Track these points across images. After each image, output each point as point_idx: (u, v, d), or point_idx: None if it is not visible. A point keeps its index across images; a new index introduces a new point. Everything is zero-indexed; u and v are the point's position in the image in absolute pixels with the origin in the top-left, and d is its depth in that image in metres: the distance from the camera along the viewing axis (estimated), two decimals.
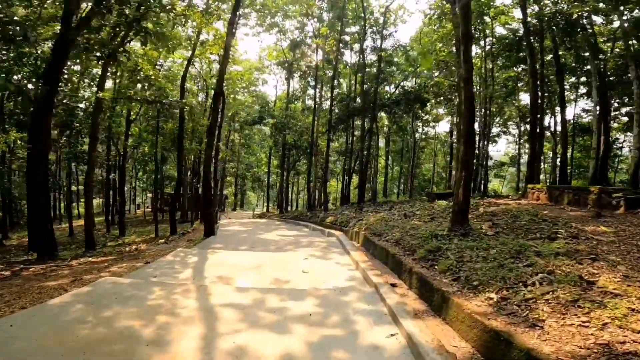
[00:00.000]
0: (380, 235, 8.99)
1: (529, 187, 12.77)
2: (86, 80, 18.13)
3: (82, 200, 40.23)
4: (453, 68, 18.10)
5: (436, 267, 5.39)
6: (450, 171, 35.38)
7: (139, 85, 11.60)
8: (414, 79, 26.51)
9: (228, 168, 44.19)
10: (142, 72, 11.10)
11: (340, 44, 22.00)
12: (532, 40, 17.50)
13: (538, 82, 16.71)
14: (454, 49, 16.36)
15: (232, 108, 27.35)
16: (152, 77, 11.27)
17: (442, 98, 23.84)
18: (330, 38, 20.84)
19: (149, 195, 41.76)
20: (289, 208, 37.53)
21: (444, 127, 55.20)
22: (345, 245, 8.83)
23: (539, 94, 16.10)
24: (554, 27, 16.78)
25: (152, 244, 12.24)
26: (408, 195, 27.90)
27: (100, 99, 10.18)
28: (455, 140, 36.88)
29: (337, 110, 23.66)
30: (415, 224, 9.36)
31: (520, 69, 22.23)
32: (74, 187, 30.56)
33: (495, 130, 32.97)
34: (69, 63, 12.02)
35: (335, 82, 23.91)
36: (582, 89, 24.53)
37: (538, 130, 17.10)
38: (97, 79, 11.61)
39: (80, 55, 10.20)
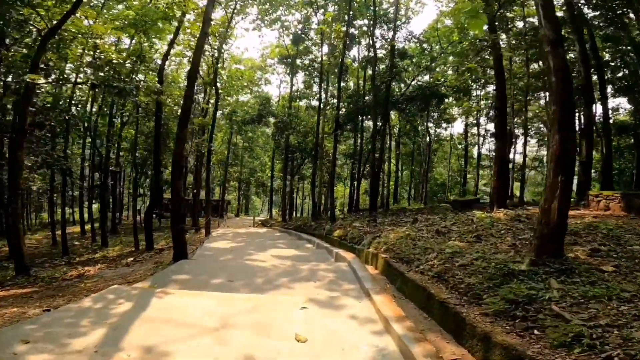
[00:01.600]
0: (409, 262, 6.27)
1: (591, 194, 9.90)
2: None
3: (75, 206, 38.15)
4: (487, 55, 15.26)
5: (537, 333, 2.92)
6: (465, 175, 32.46)
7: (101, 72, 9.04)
8: (428, 75, 23.72)
9: (231, 172, 41.70)
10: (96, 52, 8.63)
11: (347, 38, 19.38)
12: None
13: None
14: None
15: (229, 104, 24.75)
16: (104, 56, 8.74)
17: (461, 93, 20.96)
18: (337, 24, 18.20)
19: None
20: (295, 214, 34.89)
21: (455, 128, 52.34)
22: (361, 278, 6.09)
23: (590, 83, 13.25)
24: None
25: (114, 265, 9.57)
26: (422, 202, 25.00)
27: (31, 83, 7.59)
28: (468, 142, 34.03)
29: (343, 111, 21.03)
30: (458, 246, 6.60)
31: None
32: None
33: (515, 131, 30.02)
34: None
35: (343, 77, 21.26)
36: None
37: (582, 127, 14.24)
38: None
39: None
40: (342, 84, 21.08)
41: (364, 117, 21.26)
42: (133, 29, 10.80)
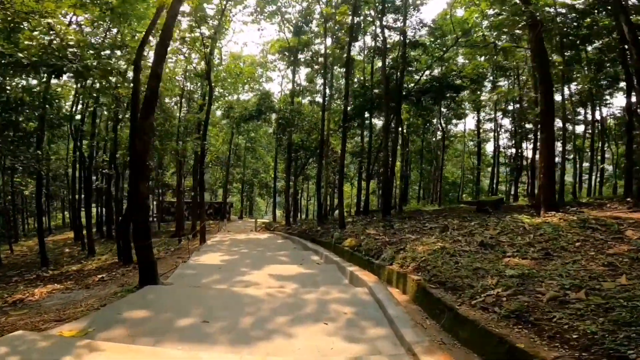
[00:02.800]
0: (455, 289, 4.45)
1: None
2: None
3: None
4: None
5: None
6: (479, 173, 30.29)
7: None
8: (441, 66, 21.66)
9: (233, 174, 39.89)
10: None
11: (354, 23, 17.43)
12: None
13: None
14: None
15: (228, 102, 22.89)
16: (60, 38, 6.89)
17: (477, 85, 18.90)
18: (342, 6, 16.28)
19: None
20: (299, 215, 32.94)
21: (465, 125, 50.06)
22: (394, 319, 4.15)
23: None
24: None
25: (78, 284, 7.68)
26: (436, 203, 22.92)
27: None
28: (481, 139, 31.85)
29: (351, 105, 19.11)
30: (524, 267, 4.69)
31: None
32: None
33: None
34: None
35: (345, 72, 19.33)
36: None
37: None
38: None
39: None
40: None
41: (373, 112, 19.32)
42: (97, 8, 9.01)
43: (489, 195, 29.64)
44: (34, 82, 12.41)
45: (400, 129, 19.49)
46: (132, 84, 8.53)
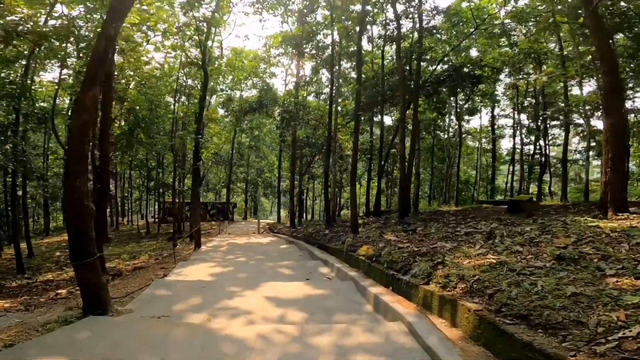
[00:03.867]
0: (551, 327, 2.66)
1: None
2: None
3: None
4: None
5: None
6: (494, 172, 28.27)
7: None
8: (456, 56, 19.81)
9: (237, 173, 38.33)
10: None
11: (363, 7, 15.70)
12: None
13: None
14: None
15: (229, 98, 21.24)
16: None
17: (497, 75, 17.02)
18: None
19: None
20: (305, 216, 31.22)
21: (475, 122, 47.66)
22: None
23: None
24: None
25: (28, 301, 6.04)
26: (452, 203, 21.04)
27: None
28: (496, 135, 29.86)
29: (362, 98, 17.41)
30: None
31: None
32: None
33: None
34: None
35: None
36: None
37: None
38: None
39: None
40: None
41: (385, 105, 17.56)
42: None
43: (506, 194, 27.68)
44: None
45: (418, 118, 17.59)
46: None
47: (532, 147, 23.86)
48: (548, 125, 22.31)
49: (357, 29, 15.63)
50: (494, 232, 6.28)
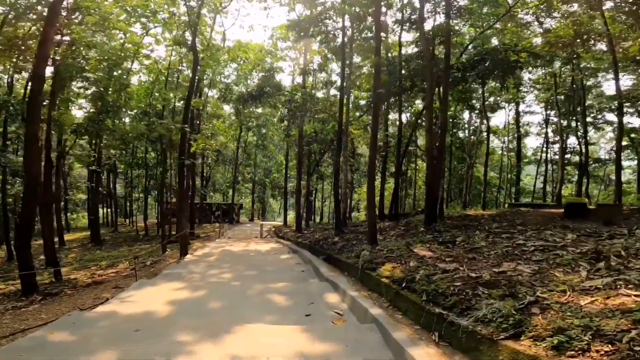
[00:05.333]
0: None
1: None
2: None
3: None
4: None
5: None
6: (519, 172, 25.53)
7: None
8: (484, 42, 17.32)
9: (243, 173, 36.41)
10: None
11: None
12: None
13: None
14: None
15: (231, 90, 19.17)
16: None
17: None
18: None
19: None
20: (313, 218, 28.98)
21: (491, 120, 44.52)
22: None
23: None
24: None
25: None
26: (478, 206, 18.52)
27: None
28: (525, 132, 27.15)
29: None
30: None
31: None
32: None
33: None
34: None
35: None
36: None
37: None
38: None
39: None
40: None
41: (403, 95, 15.25)
42: None
43: (533, 197, 24.97)
44: None
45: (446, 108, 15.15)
46: None
47: (561, 146, 21.14)
48: (587, 123, 19.61)
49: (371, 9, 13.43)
50: (602, 250, 3.95)
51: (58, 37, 9.45)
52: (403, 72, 15.13)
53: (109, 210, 29.05)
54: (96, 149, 18.17)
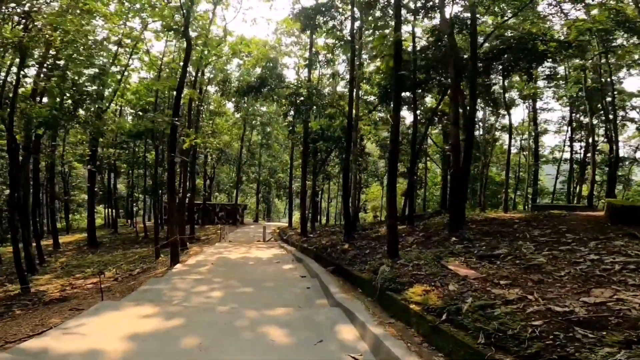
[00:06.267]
0: None
1: None
2: None
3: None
4: None
5: None
6: (537, 172, 23.88)
7: None
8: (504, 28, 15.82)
9: (247, 173, 35.22)
10: None
11: None
12: None
13: None
14: None
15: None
16: None
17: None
18: None
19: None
20: (319, 218, 27.69)
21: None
22: None
23: None
24: None
25: None
26: (499, 208, 17.00)
27: None
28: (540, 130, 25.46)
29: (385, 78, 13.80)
30: None
31: None
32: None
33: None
34: None
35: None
36: None
37: None
38: None
39: None
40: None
41: (418, 87, 13.85)
42: None
43: (554, 198, 23.35)
44: None
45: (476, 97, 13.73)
46: None
47: (592, 143, 19.47)
48: (609, 120, 17.97)
49: None
50: None
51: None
52: (418, 63, 13.78)
53: (113, 210, 28.02)
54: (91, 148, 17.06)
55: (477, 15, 14.42)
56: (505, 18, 13.33)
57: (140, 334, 3.77)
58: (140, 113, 21.20)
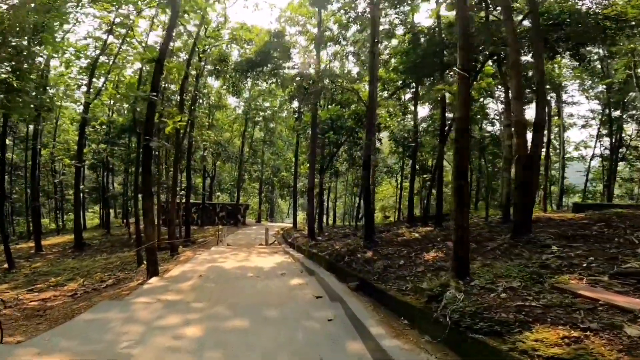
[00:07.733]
0: None
1: None
2: None
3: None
4: None
5: None
6: (563, 169, 21.69)
7: None
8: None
9: (250, 171, 33.23)
10: None
11: None
12: None
13: None
14: None
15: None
16: None
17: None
18: None
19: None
20: (326, 219, 25.55)
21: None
22: None
23: None
24: None
25: None
26: (540, 208, 14.85)
27: None
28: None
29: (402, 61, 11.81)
30: None
31: None
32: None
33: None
34: None
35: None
36: None
37: None
38: None
39: None
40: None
41: (445, 71, 11.83)
42: None
43: (585, 197, 21.19)
44: None
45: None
46: None
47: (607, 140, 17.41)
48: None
49: None
50: None
51: None
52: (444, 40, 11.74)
53: (106, 210, 26.18)
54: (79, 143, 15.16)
55: None
56: None
57: None
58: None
